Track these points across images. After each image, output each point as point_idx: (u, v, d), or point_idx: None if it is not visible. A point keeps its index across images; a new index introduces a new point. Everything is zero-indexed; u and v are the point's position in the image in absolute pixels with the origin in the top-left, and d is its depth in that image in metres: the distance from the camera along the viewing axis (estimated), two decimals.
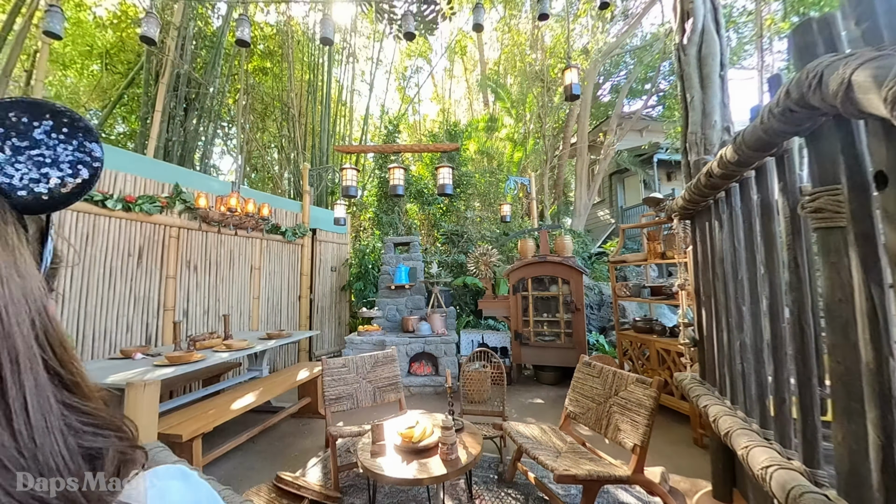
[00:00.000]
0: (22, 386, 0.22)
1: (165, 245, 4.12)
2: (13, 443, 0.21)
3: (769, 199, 1.31)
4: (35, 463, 0.22)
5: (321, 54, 9.83)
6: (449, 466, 1.86)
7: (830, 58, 0.82)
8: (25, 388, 0.22)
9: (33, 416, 0.22)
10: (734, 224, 1.54)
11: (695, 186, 1.64)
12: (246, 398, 2.88)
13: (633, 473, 1.97)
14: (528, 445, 2.17)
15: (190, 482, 0.32)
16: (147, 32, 2.66)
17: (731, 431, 1.37)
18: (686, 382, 1.99)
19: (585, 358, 2.58)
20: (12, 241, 0.25)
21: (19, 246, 0.26)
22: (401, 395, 2.95)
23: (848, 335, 1.00)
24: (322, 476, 2.64)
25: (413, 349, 4.56)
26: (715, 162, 1.38)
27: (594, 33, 10.07)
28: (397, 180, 4.10)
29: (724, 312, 1.65)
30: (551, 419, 3.53)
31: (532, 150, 9.86)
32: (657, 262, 3.54)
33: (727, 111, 3.76)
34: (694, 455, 2.77)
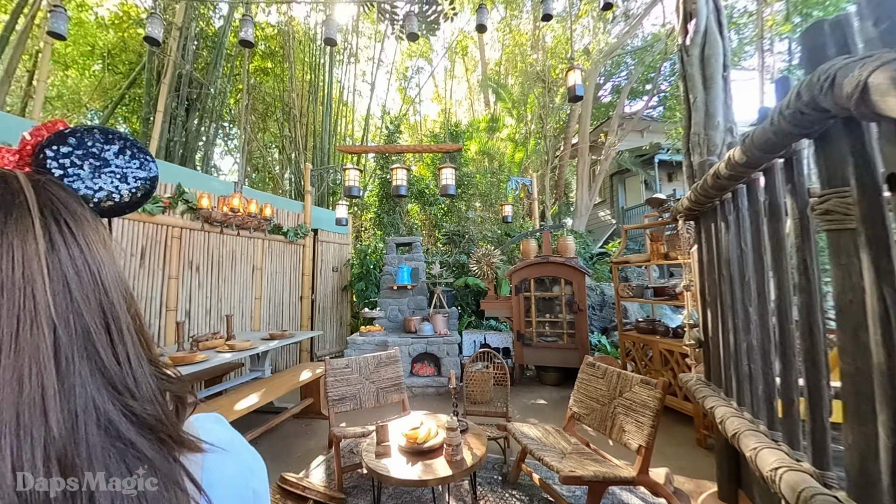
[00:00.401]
0: (124, 341, 0.31)
1: (168, 245, 4.11)
2: (120, 371, 0.30)
3: (777, 200, 1.31)
4: (136, 388, 0.31)
5: (322, 54, 9.83)
6: (454, 468, 1.86)
7: (844, 59, 0.82)
8: (128, 343, 0.32)
9: (133, 359, 0.31)
10: (741, 225, 1.54)
11: (701, 187, 1.64)
12: (249, 399, 2.88)
13: (638, 475, 1.97)
14: (532, 446, 2.17)
15: (224, 425, 0.42)
16: (151, 33, 2.66)
17: (738, 433, 1.37)
18: (691, 384, 1.99)
19: (589, 359, 2.58)
20: (104, 235, 0.33)
21: (108, 240, 0.34)
22: (404, 396, 2.95)
23: (859, 337, 1.00)
24: (326, 477, 2.64)
25: (415, 350, 4.56)
26: (723, 163, 1.38)
27: (595, 34, 10.07)
28: (400, 181, 4.10)
29: (731, 314, 1.65)
30: (554, 420, 3.53)
31: (533, 151, 9.87)
32: (660, 263, 3.54)
33: (730, 112, 3.76)
34: (697, 456, 2.77)
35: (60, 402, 0.26)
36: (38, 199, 0.30)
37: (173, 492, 0.29)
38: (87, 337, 0.29)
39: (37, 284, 0.27)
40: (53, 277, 0.28)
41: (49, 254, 0.28)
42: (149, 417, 0.31)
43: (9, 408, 0.25)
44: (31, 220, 0.28)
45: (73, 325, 0.28)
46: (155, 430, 0.31)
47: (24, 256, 0.27)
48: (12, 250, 0.27)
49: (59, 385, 0.26)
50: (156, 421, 0.31)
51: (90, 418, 0.27)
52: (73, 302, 0.29)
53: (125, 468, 0.28)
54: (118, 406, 0.29)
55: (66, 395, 0.27)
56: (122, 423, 0.29)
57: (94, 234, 0.32)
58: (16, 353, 0.25)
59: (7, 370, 0.25)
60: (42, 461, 0.25)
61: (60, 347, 0.27)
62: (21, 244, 0.27)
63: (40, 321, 0.27)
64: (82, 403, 0.27)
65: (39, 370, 0.26)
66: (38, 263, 0.28)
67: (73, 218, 0.31)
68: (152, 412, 0.31)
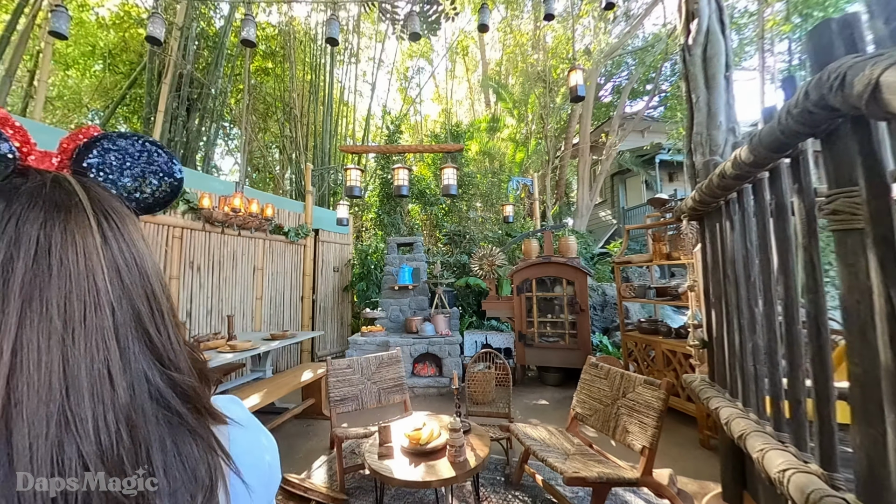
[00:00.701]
0: (165, 323, 0.35)
1: (169, 245, 4.11)
2: (163, 348, 0.34)
3: (783, 200, 1.30)
4: (176, 361, 0.35)
5: (323, 55, 9.83)
6: (457, 469, 1.85)
7: (854, 58, 0.81)
8: (168, 324, 0.36)
9: (173, 338, 0.36)
10: (747, 225, 1.53)
11: (706, 187, 1.63)
12: (250, 400, 2.87)
13: (642, 476, 1.96)
14: (536, 447, 2.16)
15: (241, 405, 0.46)
16: (153, 33, 2.66)
17: (745, 434, 1.36)
18: (695, 384, 1.98)
19: (592, 359, 2.57)
20: (141, 231, 0.37)
21: (144, 235, 0.37)
22: (406, 397, 2.94)
23: (866, 337, 0.99)
24: (328, 478, 2.63)
25: (417, 350, 4.55)
26: (729, 162, 1.38)
27: (596, 34, 10.07)
28: (402, 181, 4.09)
29: (736, 314, 1.64)
30: (556, 420, 3.53)
31: (534, 151, 9.86)
32: (663, 264, 3.54)
33: (732, 112, 3.76)
34: (701, 457, 2.76)
35: (123, 373, 0.31)
36: (88, 198, 0.34)
37: (212, 455, 0.34)
38: (136, 318, 0.33)
39: (97, 273, 0.31)
40: (108, 267, 0.32)
41: (103, 247, 0.33)
42: (188, 389, 0.35)
43: (86, 377, 0.29)
44: (87, 218, 0.32)
45: (126, 307, 0.33)
46: (193, 401, 0.35)
47: (85, 249, 0.31)
48: (76, 244, 0.31)
49: (121, 358, 0.31)
50: (193, 393, 0.35)
51: (144, 388, 0.32)
52: (124, 288, 0.33)
53: (174, 433, 0.32)
54: (165, 379, 0.33)
55: (126, 367, 0.31)
56: (168, 393, 0.33)
57: (134, 229, 0.36)
58: (85, 330, 0.30)
59: (80, 345, 0.29)
60: (114, 423, 0.29)
61: (118, 326, 0.31)
62: (82, 239, 0.31)
63: (102, 304, 0.31)
64: (138, 375, 0.32)
65: (106, 345, 0.30)
66: (97, 255, 0.32)
67: (117, 214, 0.35)
68: (190, 385, 0.35)
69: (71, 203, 0.32)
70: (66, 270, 0.30)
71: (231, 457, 0.36)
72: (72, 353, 0.29)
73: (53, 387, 0.27)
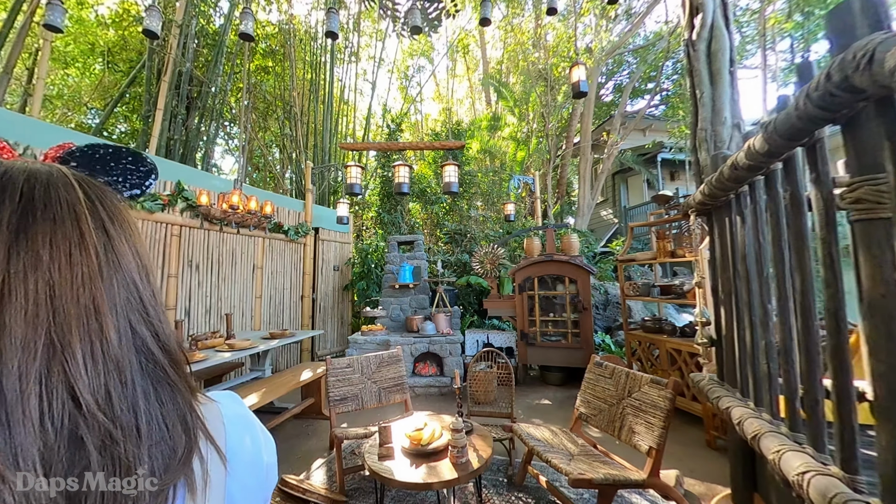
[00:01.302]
0: (155, 296, 0.36)
1: (167, 243, 4.07)
2: (150, 307, 0.35)
3: (799, 191, 1.25)
4: (163, 325, 0.36)
5: (323, 53, 9.78)
6: (460, 470, 1.80)
7: (884, 34, 0.76)
8: (154, 287, 0.37)
9: (160, 310, 0.36)
10: (759, 219, 1.48)
11: (717, 180, 1.58)
12: (248, 399, 2.83)
13: (648, 477, 1.91)
14: (539, 448, 2.11)
15: (239, 402, 0.46)
16: (150, 26, 2.61)
17: (759, 435, 1.31)
18: (704, 383, 1.93)
19: (597, 358, 2.52)
20: (128, 212, 0.38)
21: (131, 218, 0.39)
22: (406, 396, 2.89)
23: (891, 332, 0.94)
24: (327, 479, 2.58)
25: (418, 349, 4.51)
26: (742, 153, 1.33)
27: (598, 32, 10.02)
28: (403, 178, 4.05)
29: (748, 311, 1.59)
30: (559, 420, 3.48)
31: (535, 150, 9.81)
32: (667, 261, 3.49)
33: (737, 107, 3.71)
34: (707, 458, 2.71)
35: (109, 313, 0.31)
36: (71, 172, 0.35)
37: (192, 416, 0.35)
38: (122, 266, 0.34)
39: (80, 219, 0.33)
40: (92, 216, 0.34)
41: (86, 201, 0.34)
42: (172, 348, 0.36)
43: (72, 307, 0.29)
44: (69, 180, 0.34)
45: (111, 255, 0.33)
46: (175, 362, 0.35)
47: (68, 199, 0.33)
48: (59, 194, 0.33)
49: (107, 298, 0.31)
50: (177, 355, 0.36)
51: (129, 335, 0.32)
52: (108, 237, 0.34)
53: (157, 386, 0.33)
54: (150, 330, 0.34)
55: (112, 308, 0.31)
56: (154, 345, 0.34)
57: (119, 202, 0.37)
58: (71, 266, 0.30)
59: (65, 277, 0.30)
60: (101, 357, 0.29)
61: (102, 268, 0.32)
62: (66, 192, 0.33)
63: (86, 244, 0.32)
64: (123, 320, 0.32)
65: (91, 283, 0.31)
66: (81, 206, 0.33)
67: (116, 207, 0.37)
68: (175, 344, 0.36)
69: (52, 169, 0.34)
70: (51, 213, 0.31)
71: (208, 428, 0.36)
72: (59, 284, 0.29)
73: (41, 314, 0.28)
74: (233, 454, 0.38)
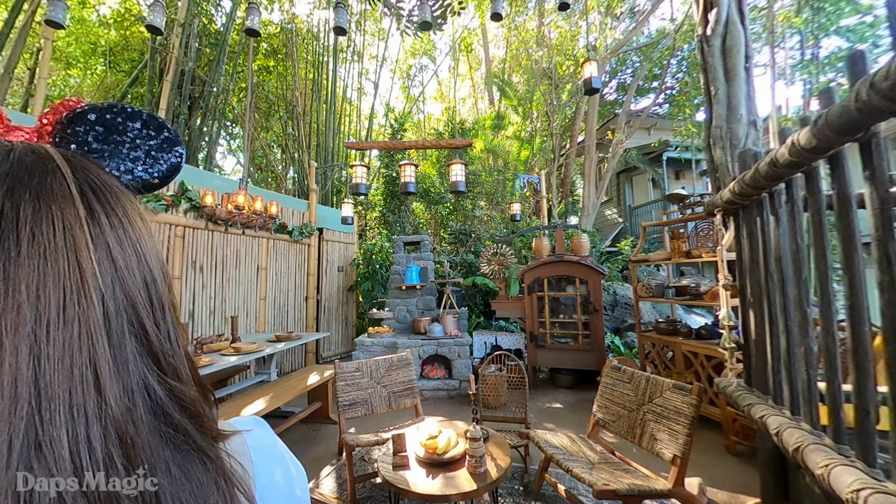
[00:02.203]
0: (166, 319, 0.30)
1: (171, 245, 4.01)
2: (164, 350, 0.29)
3: (847, 189, 1.17)
4: (176, 367, 0.29)
5: (325, 52, 9.72)
6: (478, 481, 1.73)
7: None
8: (169, 321, 0.30)
9: (173, 340, 0.30)
10: (797, 219, 1.40)
11: (750, 178, 1.50)
12: (256, 404, 2.76)
13: (673, 487, 1.84)
14: (559, 456, 2.04)
15: (267, 429, 0.40)
16: (153, 21, 2.55)
17: (802, 447, 1.23)
18: (731, 389, 1.85)
19: (614, 362, 2.45)
20: (140, 209, 0.31)
21: (144, 214, 0.31)
22: (417, 401, 2.82)
23: None
24: (336, 487, 2.51)
25: (426, 351, 4.44)
26: (784, 148, 1.25)
27: (602, 30, 9.93)
28: (408, 177, 3.97)
29: (782, 315, 1.52)
30: (572, 425, 3.40)
31: (539, 149, 9.72)
32: (682, 262, 3.41)
33: (753, 104, 3.62)
34: (728, 464, 2.63)
35: (114, 378, 0.25)
36: (69, 165, 0.28)
37: (228, 485, 0.28)
38: (133, 310, 0.27)
39: (81, 251, 0.25)
40: (98, 245, 0.26)
41: (89, 220, 0.26)
42: (192, 403, 0.29)
43: (63, 383, 0.23)
44: (67, 185, 0.26)
45: (120, 296, 0.27)
46: (196, 417, 0.29)
47: (64, 221, 0.25)
48: (51, 214, 0.25)
49: (112, 359, 0.25)
50: (197, 408, 0.30)
51: (143, 397, 0.26)
52: (117, 272, 0.27)
53: (180, 455, 0.27)
54: (165, 388, 0.28)
55: (119, 370, 0.25)
56: (170, 405, 0.27)
57: (130, 206, 0.30)
58: (64, 323, 0.23)
59: (56, 341, 0.23)
60: (101, 441, 0.23)
61: (110, 319, 0.25)
62: (60, 210, 0.25)
63: (88, 289, 0.25)
64: (136, 381, 0.26)
65: (92, 343, 0.24)
66: (81, 229, 0.26)
67: (108, 188, 0.29)
68: (194, 397, 0.30)
69: (46, 168, 0.26)
70: (40, 247, 0.24)
71: (251, 490, 0.31)
72: (46, 352, 0.23)
73: (20, 396, 0.22)
74: (263, 490, 0.34)
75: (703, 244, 3.15)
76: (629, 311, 5.87)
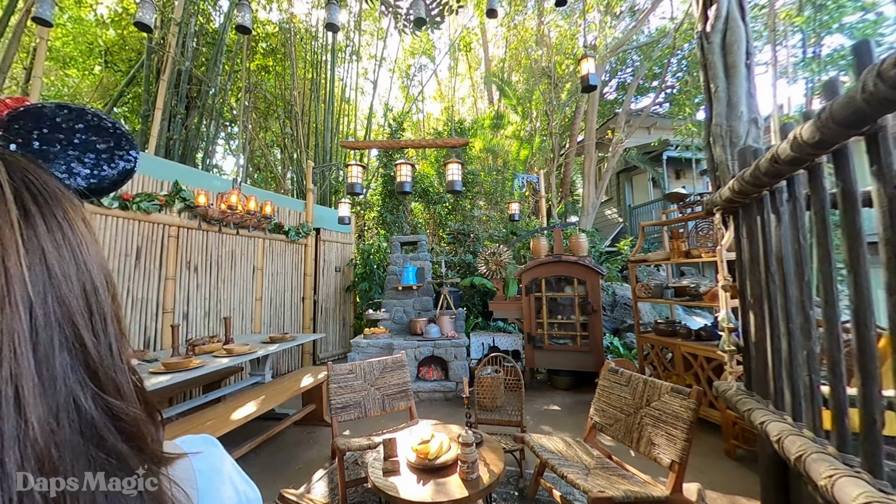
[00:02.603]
0: (108, 331, 0.28)
1: (164, 245, 3.96)
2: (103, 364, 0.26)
3: (852, 186, 1.12)
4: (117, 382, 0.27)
5: (324, 52, 9.68)
6: (470, 487, 1.69)
7: None
8: (111, 333, 0.28)
9: (115, 353, 0.28)
10: (800, 217, 1.35)
11: (750, 175, 1.45)
12: (246, 407, 2.72)
13: (672, 493, 1.79)
14: (554, 461, 1.99)
15: (217, 449, 0.38)
16: (143, 18, 2.50)
17: (804, 456, 1.18)
18: (731, 393, 1.80)
19: (612, 364, 2.40)
20: (84, 214, 0.30)
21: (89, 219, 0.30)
22: (411, 403, 2.78)
23: None
24: (328, 491, 2.47)
25: (422, 353, 4.38)
26: (786, 143, 1.20)
27: (602, 28, 9.87)
28: (404, 177, 3.93)
29: (784, 317, 1.47)
30: (569, 427, 3.35)
31: (538, 148, 9.67)
32: (682, 262, 3.35)
33: (754, 102, 3.56)
34: (727, 468, 2.58)
35: (38, 396, 0.23)
36: (4, 165, 0.26)
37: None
38: (68, 321, 0.25)
39: (9, 255, 0.23)
40: (29, 249, 0.24)
41: (22, 221, 0.24)
42: (132, 423, 0.27)
43: None
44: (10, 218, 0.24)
45: (52, 306, 0.25)
46: (137, 439, 0.27)
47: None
48: None
49: (37, 375, 0.23)
50: (138, 429, 0.27)
51: (71, 418, 0.24)
52: (52, 279, 0.25)
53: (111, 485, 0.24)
54: (100, 405, 0.26)
55: (45, 387, 0.23)
56: (105, 425, 0.25)
57: (72, 210, 0.28)
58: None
59: None
60: (15, 470, 0.21)
61: (38, 329, 0.23)
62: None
63: (14, 298, 0.23)
64: (64, 399, 0.24)
65: (14, 356, 0.22)
66: (11, 231, 0.24)
67: (47, 189, 0.27)
68: (135, 416, 0.27)
69: None
70: None
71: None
72: None
73: None
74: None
75: (703, 244, 3.10)
76: (628, 312, 5.81)
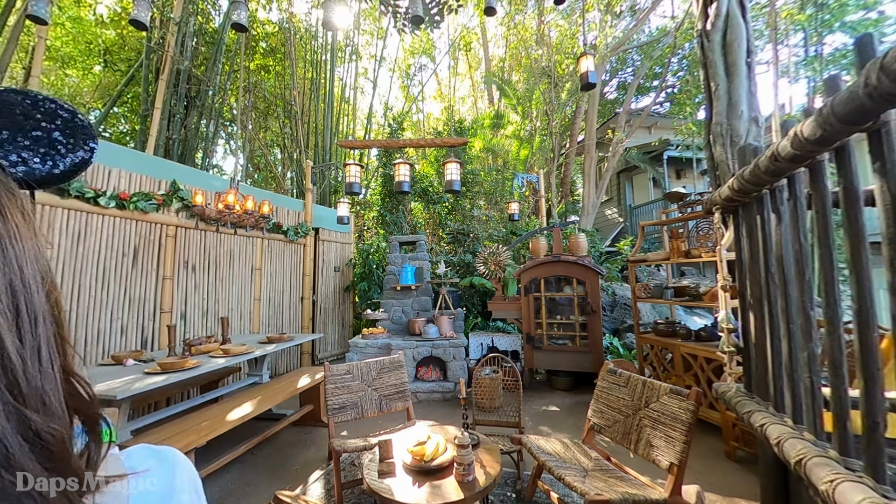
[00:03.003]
0: (37, 334, 0.25)
1: (162, 244, 3.95)
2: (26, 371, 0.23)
3: (854, 184, 1.10)
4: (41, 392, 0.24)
5: (324, 52, 9.67)
6: (466, 490, 1.66)
7: None
8: (41, 336, 0.25)
9: (44, 360, 0.25)
10: (800, 216, 1.33)
11: (750, 173, 1.43)
12: (243, 408, 2.70)
13: (670, 496, 1.77)
14: (551, 463, 1.97)
15: (167, 465, 0.34)
16: (138, 16, 2.49)
17: (804, 460, 1.16)
18: (730, 395, 1.78)
19: (610, 365, 2.38)
20: (23, 204, 0.27)
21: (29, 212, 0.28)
22: (408, 404, 2.75)
23: None
24: (325, 493, 2.45)
25: (420, 353, 4.36)
26: (786, 141, 1.17)
27: (602, 28, 9.84)
28: (403, 176, 3.91)
29: (784, 318, 1.44)
30: (568, 428, 3.33)
31: (538, 148, 9.64)
32: (681, 262, 3.33)
33: (755, 100, 3.53)
34: (727, 470, 2.55)
35: None
36: None
37: None
38: None
39: None
40: None
41: None
42: (55, 442, 0.24)
43: None
44: None
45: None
46: (58, 461, 0.24)
47: None
48: None
49: None
50: (60, 447, 0.24)
51: None
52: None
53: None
54: (16, 421, 0.22)
55: None
56: (16, 443, 0.22)
57: (9, 200, 0.26)
58: None
59: None
60: None
61: None
62: None
63: None
64: None
65: None
66: None
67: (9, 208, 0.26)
68: (58, 433, 0.24)
69: None
70: None
71: None
72: None
73: None
74: None
75: (703, 244, 3.07)
76: (628, 312, 5.79)
